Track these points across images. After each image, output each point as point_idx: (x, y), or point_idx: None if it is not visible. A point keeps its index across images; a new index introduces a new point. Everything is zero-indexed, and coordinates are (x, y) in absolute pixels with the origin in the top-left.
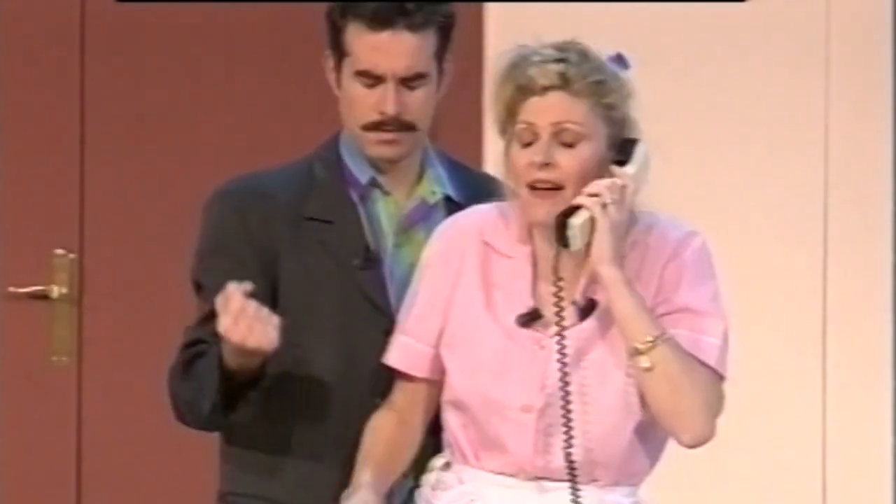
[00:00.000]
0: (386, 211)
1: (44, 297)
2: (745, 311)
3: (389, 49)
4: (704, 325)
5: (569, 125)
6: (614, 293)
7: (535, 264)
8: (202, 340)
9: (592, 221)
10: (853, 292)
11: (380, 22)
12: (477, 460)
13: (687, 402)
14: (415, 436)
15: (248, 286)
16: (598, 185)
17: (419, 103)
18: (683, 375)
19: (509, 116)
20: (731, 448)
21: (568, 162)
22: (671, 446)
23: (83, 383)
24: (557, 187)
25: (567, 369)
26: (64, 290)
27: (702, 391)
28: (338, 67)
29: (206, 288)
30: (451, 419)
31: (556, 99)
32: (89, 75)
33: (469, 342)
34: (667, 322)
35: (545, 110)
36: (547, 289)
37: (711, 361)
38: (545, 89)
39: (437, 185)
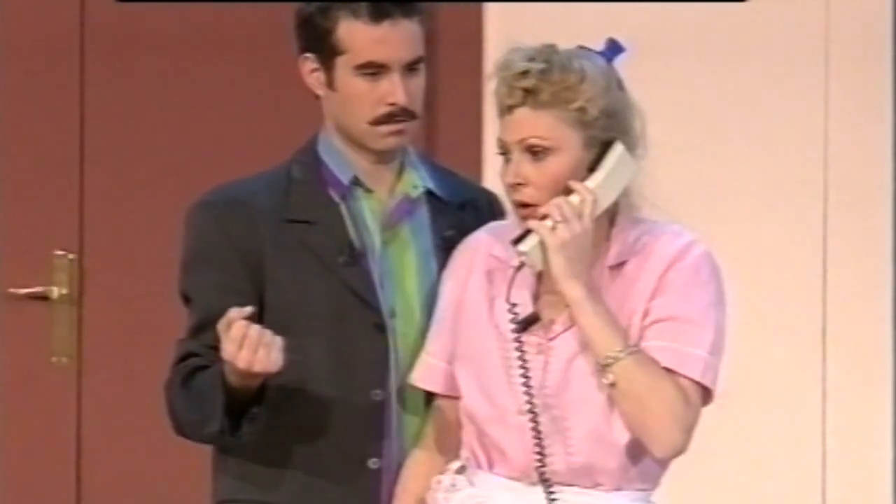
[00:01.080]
0: (370, 209)
1: (44, 297)
2: (745, 313)
3: (392, 38)
4: (692, 336)
5: (533, 140)
6: (575, 310)
7: (537, 272)
8: (195, 353)
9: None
10: (853, 293)
11: (380, 14)
12: (490, 466)
13: (652, 416)
14: (451, 458)
15: (248, 310)
16: (549, 206)
17: (419, 90)
18: (647, 390)
19: None
20: (730, 451)
21: (537, 177)
22: None
23: (83, 384)
24: (536, 203)
25: (531, 383)
26: (64, 291)
27: (668, 405)
28: (328, 68)
29: (194, 300)
30: (467, 428)
31: (520, 115)
32: (89, 77)
33: (474, 352)
34: (655, 330)
35: (511, 128)
36: (548, 295)
37: (695, 375)
38: (511, 107)
39: (418, 180)
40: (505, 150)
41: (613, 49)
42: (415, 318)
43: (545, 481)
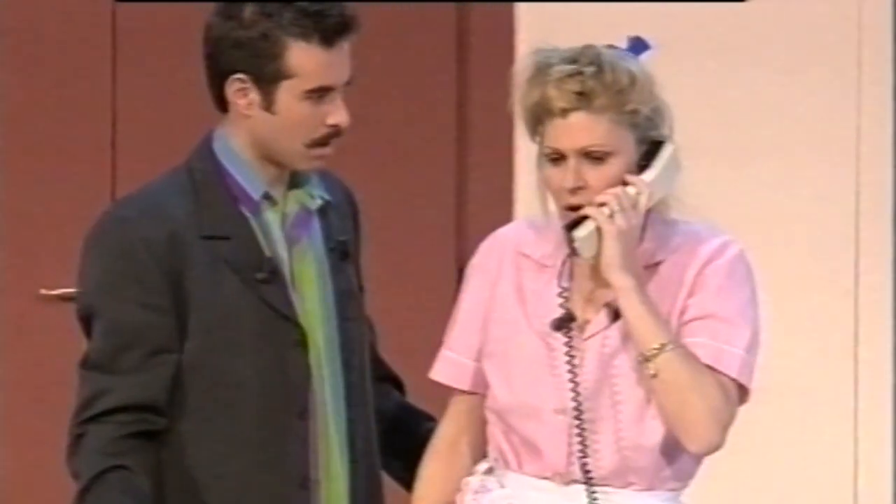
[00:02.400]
0: (275, 221)
1: (74, 299)
2: (777, 314)
3: (338, 62)
4: (730, 333)
5: (594, 147)
6: (623, 300)
7: (571, 271)
8: (108, 405)
9: (600, 230)
10: (885, 294)
11: (332, 38)
12: (519, 466)
13: (692, 410)
14: (465, 462)
15: None
16: (606, 194)
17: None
18: (690, 384)
19: (535, 126)
20: (762, 452)
21: (598, 180)
22: None
23: None
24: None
25: (577, 378)
26: None
27: (709, 401)
28: (267, 91)
29: (113, 319)
30: (493, 427)
31: (577, 120)
32: (121, 80)
33: (506, 350)
34: (693, 328)
35: (569, 135)
36: (583, 294)
37: (733, 372)
38: (565, 111)
39: (314, 191)
40: (559, 156)
41: (639, 46)
42: (319, 329)
43: (589, 480)
